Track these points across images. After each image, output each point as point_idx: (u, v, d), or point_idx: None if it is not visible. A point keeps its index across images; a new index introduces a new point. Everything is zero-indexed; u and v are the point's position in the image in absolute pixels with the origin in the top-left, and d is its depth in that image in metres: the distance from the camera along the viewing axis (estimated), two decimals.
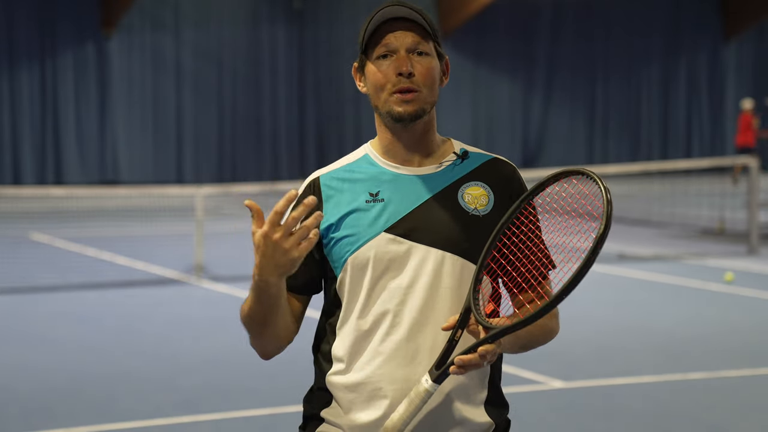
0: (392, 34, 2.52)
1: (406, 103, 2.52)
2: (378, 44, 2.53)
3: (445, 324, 2.45)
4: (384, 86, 2.53)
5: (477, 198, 2.57)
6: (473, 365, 2.37)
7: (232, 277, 11.65)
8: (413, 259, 2.52)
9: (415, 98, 2.52)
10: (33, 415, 6.52)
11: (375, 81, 2.54)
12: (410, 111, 2.52)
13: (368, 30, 2.53)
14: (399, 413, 2.41)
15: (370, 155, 2.63)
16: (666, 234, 15.54)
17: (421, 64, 2.52)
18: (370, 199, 2.55)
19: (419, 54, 2.53)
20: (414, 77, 2.51)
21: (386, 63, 2.52)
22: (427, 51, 2.54)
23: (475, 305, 2.44)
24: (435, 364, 2.42)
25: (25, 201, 18.61)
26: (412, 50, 2.52)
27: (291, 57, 25.38)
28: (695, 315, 9.79)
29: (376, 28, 2.53)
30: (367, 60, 2.56)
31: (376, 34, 2.53)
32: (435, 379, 2.40)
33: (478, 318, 2.42)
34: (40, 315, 9.71)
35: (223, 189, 15.27)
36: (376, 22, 2.52)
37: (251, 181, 23.54)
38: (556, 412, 6.70)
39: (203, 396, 6.92)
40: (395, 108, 2.52)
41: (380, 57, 2.53)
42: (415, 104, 2.52)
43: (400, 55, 2.52)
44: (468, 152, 2.64)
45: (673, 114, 29.65)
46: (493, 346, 2.38)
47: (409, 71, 2.50)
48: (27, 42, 22.84)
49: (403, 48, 2.52)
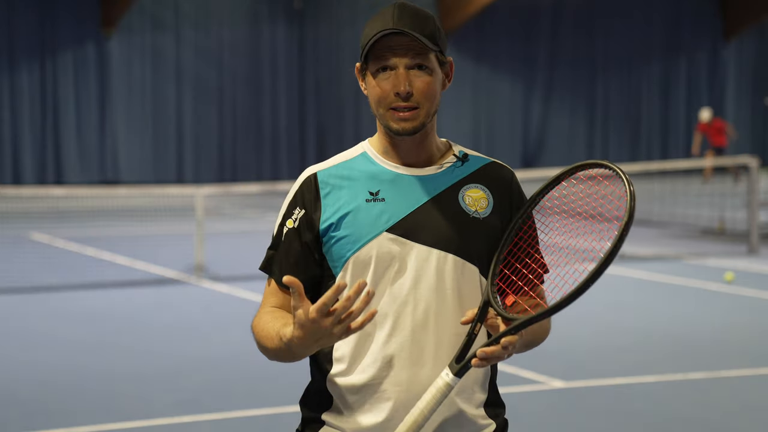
0: (392, 51, 2.47)
1: (404, 121, 2.49)
2: (378, 57, 2.49)
3: (464, 318, 2.45)
4: (383, 101, 2.50)
5: (477, 200, 2.57)
6: (496, 357, 2.37)
7: (232, 277, 11.65)
8: (415, 259, 2.52)
9: (413, 116, 2.49)
10: (33, 415, 6.52)
11: (374, 95, 2.52)
12: (408, 128, 2.50)
13: (368, 42, 2.48)
14: (419, 408, 2.40)
15: (368, 153, 2.61)
16: (666, 234, 15.54)
17: (420, 79, 2.49)
18: (370, 198, 2.54)
19: (419, 68, 2.49)
20: (412, 95, 2.48)
21: (385, 77, 2.49)
22: (428, 64, 2.49)
23: (494, 298, 2.44)
24: (455, 358, 2.41)
25: (25, 201, 18.60)
26: (411, 67, 2.48)
27: (291, 57, 25.38)
28: (695, 315, 9.79)
29: (375, 41, 2.48)
30: (367, 70, 2.53)
31: (375, 47, 2.48)
32: (456, 372, 2.39)
33: (498, 311, 2.42)
34: (40, 315, 9.71)
35: (223, 189, 15.27)
36: (376, 34, 2.46)
37: (251, 181, 23.55)
38: (556, 412, 6.70)
39: (203, 396, 6.92)
40: (393, 125, 2.50)
41: (380, 70, 2.50)
42: (414, 122, 2.50)
43: (398, 73, 2.48)
44: (467, 155, 2.64)
45: (673, 114, 29.65)
46: (515, 337, 2.38)
47: (407, 91, 2.47)
48: (27, 42, 22.84)
49: (402, 65, 2.48)
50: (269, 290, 2.63)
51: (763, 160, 23.54)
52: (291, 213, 2.59)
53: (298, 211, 2.57)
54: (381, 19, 2.48)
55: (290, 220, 2.58)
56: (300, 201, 2.58)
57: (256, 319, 2.57)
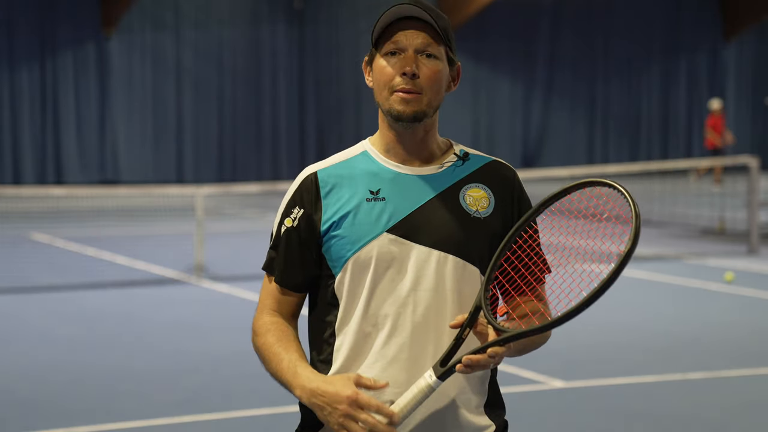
0: (403, 32, 2.50)
1: (406, 103, 2.50)
2: (388, 40, 2.51)
3: (453, 321, 2.44)
4: (387, 83, 2.51)
5: (478, 200, 2.57)
6: (481, 366, 2.36)
7: (232, 277, 11.65)
8: (415, 260, 2.51)
9: (415, 99, 2.50)
10: (33, 415, 6.52)
11: (380, 77, 2.53)
12: (409, 112, 2.50)
13: (380, 25, 2.51)
14: (399, 406, 2.40)
15: (369, 152, 2.60)
16: (666, 234, 15.54)
17: (427, 66, 2.50)
18: (370, 197, 2.53)
19: (428, 56, 2.51)
20: (418, 79, 2.49)
21: (393, 60, 2.51)
22: (436, 54, 2.52)
23: (486, 305, 2.42)
24: (440, 361, 2.40)
25: (25, 201, 18.61)
26: (420, 51, 2.50)
27: (291, 57, 25.38)
28: (695, 315, 9.79)
29: (389, 23, 2.51)
30: (377, 53, 2.54)
31: (387, 30, 2.51)
32: (440, 375, 2.38)
33: (490, 320, 2.40)
34: (40, 315, 9.71)
35: (223, 189, 15.27)
36: (389, 18, 2.50)
37: (251, 181, 23.54)
38: (556, 412, 6.70)
39: (204, 396, 6.92)
40: (395, 106, 2.51)
41: (389, 53, 2.51)
42: (415, 105, 2.50)
43: (407, 55, 2.50)
44: (468, 154, 2.63)
45: (673, 114, 29.65)
46: (503, 348, 2.37)
47: (413, 72, 2.49)
48: (27, 42, 22.84)
49: (412, 48, 2.50)
50: (268, 289, 2.63)
51: (763, 160, 23.52)
52: (290, 212, 2.58)
53: (297, 210, 2.56)
54: (396, 7, 2.51)
55: (289, 218, 2.57)
56: (299, 200, 2.57)
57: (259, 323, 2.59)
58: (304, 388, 2.43)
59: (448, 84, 2.58)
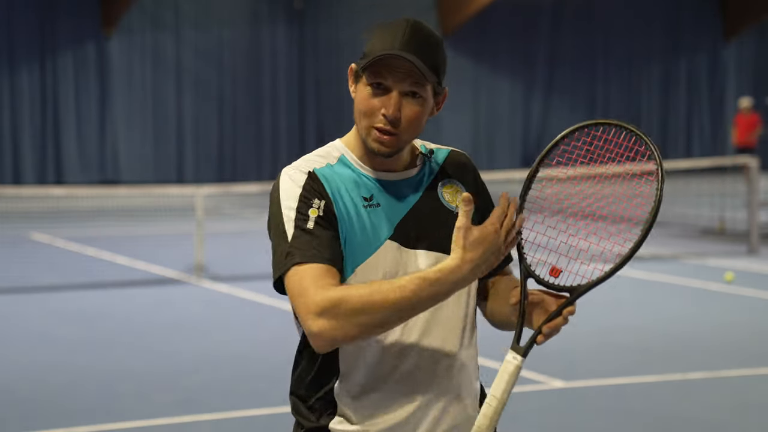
0: (392, 72, 2.45)
1: (381, 143, 2.48)
2: (377, 74, 2.47)
3: (513, 300, 2.47)
4: (368, 116, 2.49)
5: (454, 195, 2.61)
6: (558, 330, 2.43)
7: (232, 277, 11.65)
8: (416, 265, 2.51)
9: (392, 142, 2.48)
10: (33, 415, 6.52)
11: (361, 106, 2.50)
12: (384, 151, 2.49)
13: (372, 56, 2.45)
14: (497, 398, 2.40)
15: (347, 158, 2.58)
16: (666, 234, 15.54)
17: (410, 108, 2.47)
18: (366, 204, 2.52)
19: (413, 96, 2.47)
20: (399, 123, 2.47)
21: (378, 93, 2.47)
22: (422, 94, 2.48)
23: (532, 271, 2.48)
24: (516, 340, 2.43)
25: (25, 201, 18.61)
26: (406, 93, 2.47)
27: (291, 57, 25.38)
28: (695, 315, 9.79)
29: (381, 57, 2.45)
30: (362, 78, 2.51)
31: (378, 62, 2.46)
32: (523, 353, 2.42)
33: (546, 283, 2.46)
34: (40, 315, 9.71)
35: (223, 189, 15.27)
36: (381, 52, 2.44)
37: (251, 181, 23.54)
38: (556, 412, 6.70)
39: (203, 396, 6.93)
40: (371, 143, 2.49)
41: (374, 84, 2.48)
42: (391, 146, 2.48)
43: (391, 96, 2.46)
44: (432, 150, 2.66)
45: (673, 114, 29.65)
46: (574, 306, 2.43)
47: (396, 117, 2.46)
48: (27, 42, 22.84)
49: (398, 90, 2.46)
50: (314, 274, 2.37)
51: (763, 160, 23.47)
52: (309, 203, 2.46)
53: (318, 201, 2.46)
54: (391, 36, 2.46)
55: (313, 209, 2.45)
56: (316, 192, 2.48)
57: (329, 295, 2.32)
58: (461, 257, 2.35)
59: (431, 111, 2.54)
